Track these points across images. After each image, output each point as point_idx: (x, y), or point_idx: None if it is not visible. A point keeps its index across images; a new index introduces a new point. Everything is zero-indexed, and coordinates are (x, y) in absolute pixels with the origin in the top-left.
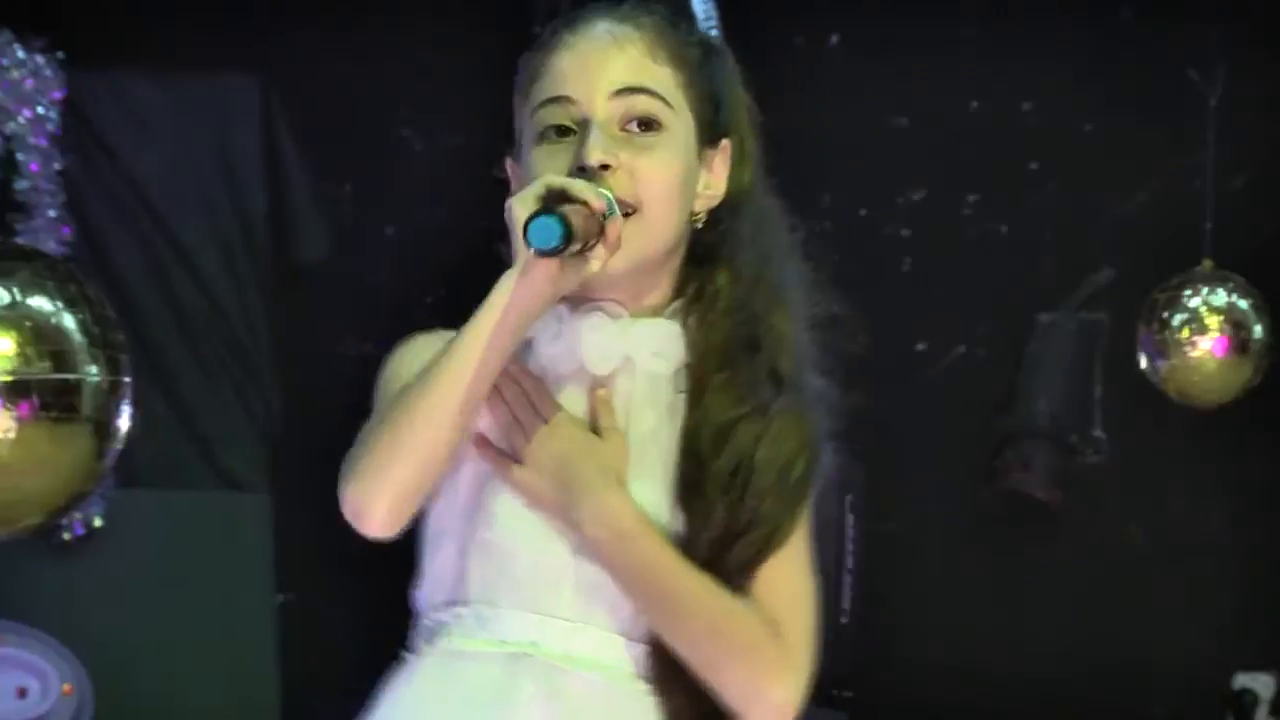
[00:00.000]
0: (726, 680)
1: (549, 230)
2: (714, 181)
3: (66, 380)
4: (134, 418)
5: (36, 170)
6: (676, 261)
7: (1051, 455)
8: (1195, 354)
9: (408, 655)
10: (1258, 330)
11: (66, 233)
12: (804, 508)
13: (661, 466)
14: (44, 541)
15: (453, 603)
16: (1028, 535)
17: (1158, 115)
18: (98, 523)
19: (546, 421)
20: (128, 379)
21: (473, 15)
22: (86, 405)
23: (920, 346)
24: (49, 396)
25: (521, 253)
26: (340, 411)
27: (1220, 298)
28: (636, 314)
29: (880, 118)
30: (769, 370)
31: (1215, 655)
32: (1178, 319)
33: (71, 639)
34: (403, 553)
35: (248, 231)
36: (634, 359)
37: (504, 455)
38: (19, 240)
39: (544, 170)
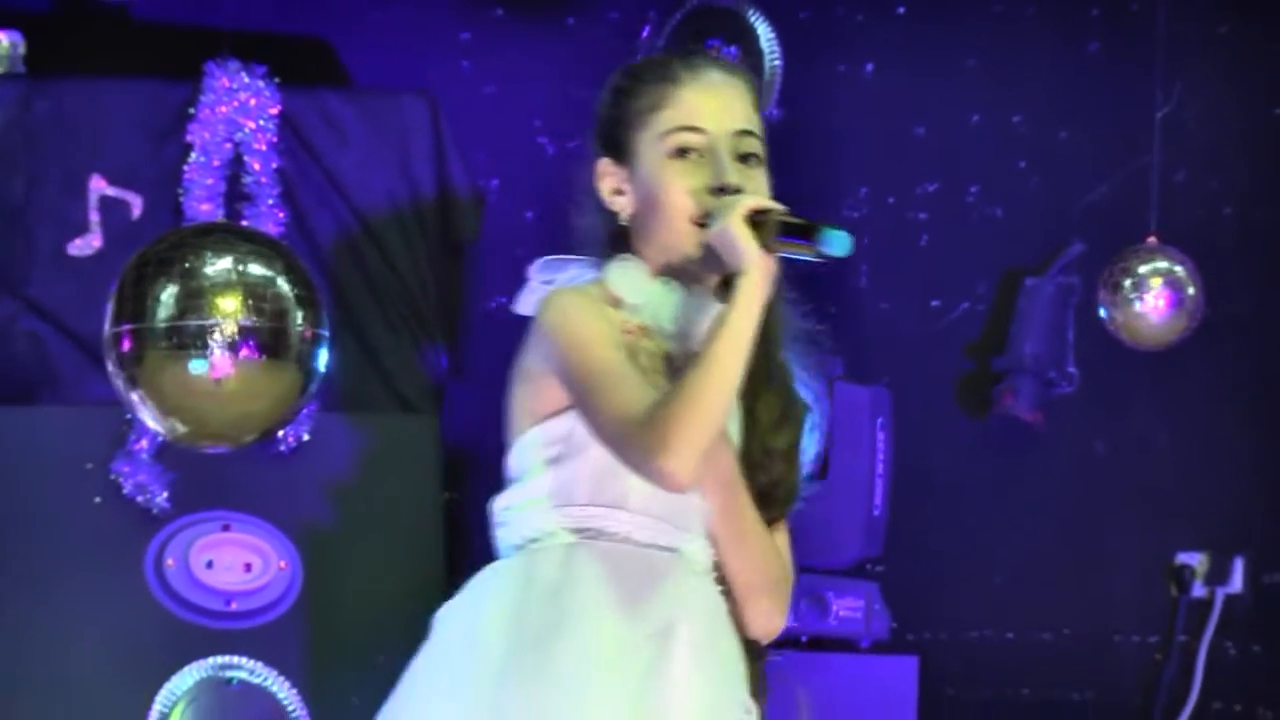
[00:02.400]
0: (758, 607)
1: (847, 241)
2: None
3: (278, 329)
4: (331, 358)
5: (258, 169)
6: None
7: (1035, 386)
8: (1143, 308)
9: (546, 539)
10: (1190, 290)
11: (282, 217)
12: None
13: (733, 429)
14: (265, 452)
15: (609, 505)
16: (1017, 448)
17: (1116, 126)
18: (305, 438)
19: None
20: (324, 330)
21: (589, 49)
22: (294, 348)
23: (935, 303)
24: (265, 342)
25: (755, 258)
26: (488, 352)
27: (1162, 265)
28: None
29: (904, 127)
30: (783, 378)
31: (1160, 540)
32: (1129, 281)
33: (285, 526)
34: None
35: (420, 216)
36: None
37: None
38: (245, 223)
39: (680, 184)
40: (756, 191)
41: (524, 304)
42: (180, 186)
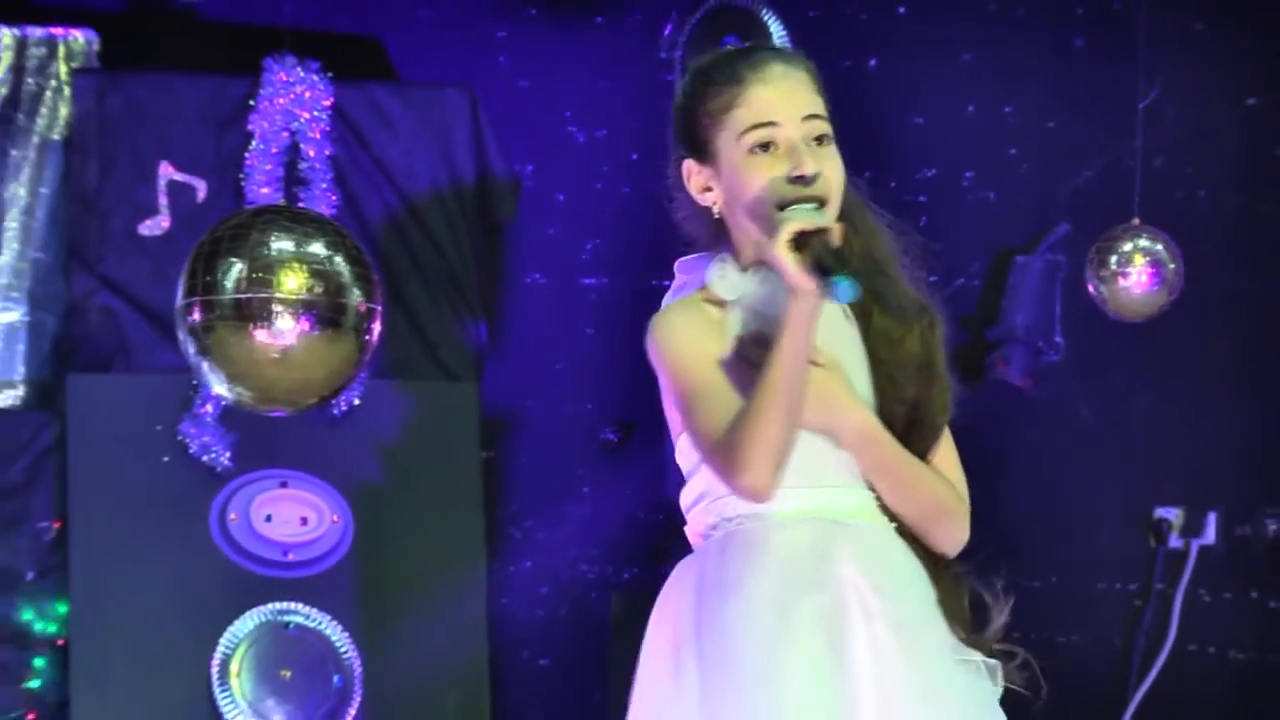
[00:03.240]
0: (937, 531)
1: (852, 290)
2: None
3: (336, 303)
4: (382, 329)
5: (312, 156)
6: None
7: (1025, 355)
8: (1126, 283)
9: (716, 530)
10: (1170, 266)
11: (334, 200)
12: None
13: (860, 377)
14: (320, 415)
15: None
16: (1008, 411)
17: (1100, 116)
18: (356, 402)
19: None
20: (378, 305)
21: (615, 46)
22: (349, 321)
23: (933, 279)
24: (324, 314)
25: (798, 283)
26: (524, 324)
27: (1144, 243)
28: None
29: (904, 117)
30: (902, 294)
31: (1140, 496)
32: (1114, 258)
33: (338, 483)
34: (563, 420)
35: (460, 199)
36: None
37: None
38: (301, 205)
39: (761, 176)
40: (831, 170)
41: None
42: (241, 172)
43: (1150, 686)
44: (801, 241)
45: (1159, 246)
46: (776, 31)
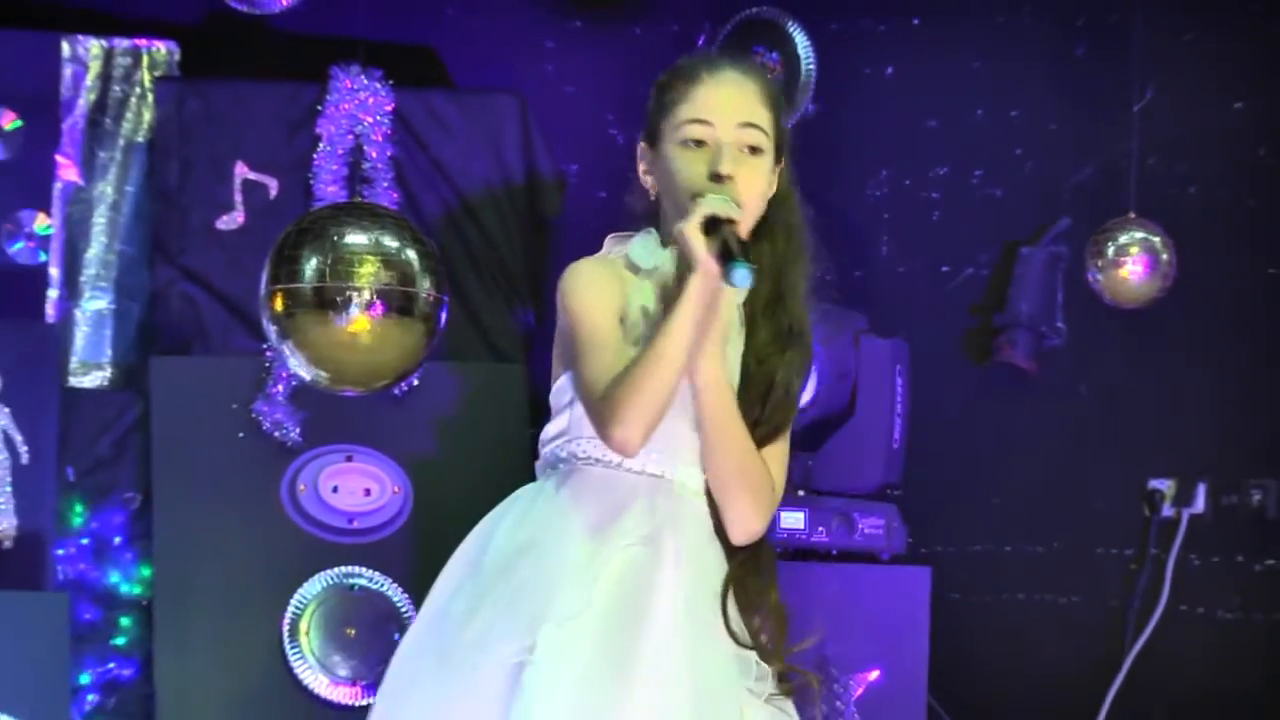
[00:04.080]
0: (736, 503)
1: (748, 277)
2: (772, 188)
3: (407, 292)
4: (447, 317)
5: (375, 157)
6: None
7: (1029, 339)
8: (1122, 272)
9: (564, 464)
10: (1163, 257)
11: (395, 198)
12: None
13: (735, 369)
14: (383, 394)
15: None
16: (1014, 391)
17: (1100, 117)
18: (416, 382)
19: None
20: (445, 295)
21: (653, 54)
22: (419, 309)
23: (945, 268)
24: (395, 302)
25: (702, 261)
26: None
27: (1139, 235)
28: None
29: (919, 120)
30: (792, 319)
31: (1135, 468)
32: (1111, 249)
33: (399, 457)
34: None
35: (511, 196)
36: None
37: None
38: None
39: (685, 167)
40: (749, 178)
41: None
42: (310, 171)
43: (1145, 643)
44: (711, 226)
45: (1153, 238)
46: (801, 42)
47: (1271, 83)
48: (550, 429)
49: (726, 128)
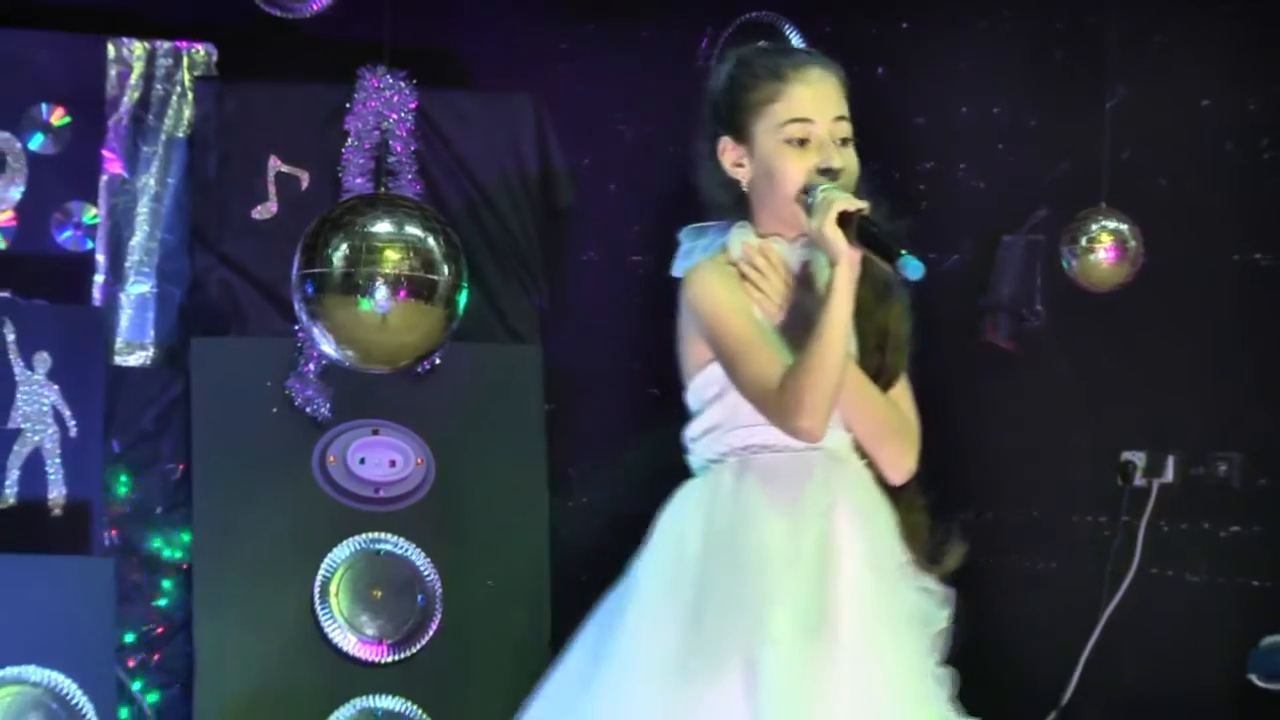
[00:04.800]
0: (884, 452)
1: (919, 265)
2: None
3: (429, 278)
4: (466, 301)
5: (400, 151)
6: None
7: (1011, 321)
8: (1094, 258)
9: (731, 456)
10: (1133, 244)
11: (419, 189)
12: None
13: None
14: (406, 373)
15: (763, 424)
16: (996, 369)
17: (1076, 114)
18: (438, 361)
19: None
20: (464, 279)
21: (658, 56)
22: (440, 293)
23: (932, 255)
24: (418, 287)
25: (845, 254)
26: (581, 295)
27: (1111, 225)
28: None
29: (907, 117)
30: (883, 276)
31: (1109, 441)
32: (1084, 238)
33: (422, 431)
34: (614, 378)
35: (526, 187)
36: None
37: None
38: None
39: (791, 165)
40: (850, 168)
41: (676, 267)
42: (339, 165)
43: (1118, 604)
44: (845, 218)
45: (1123, 227)
46: (797, 43)
47: (1236, 83)
48: (698, 426)
49: (825, 123)
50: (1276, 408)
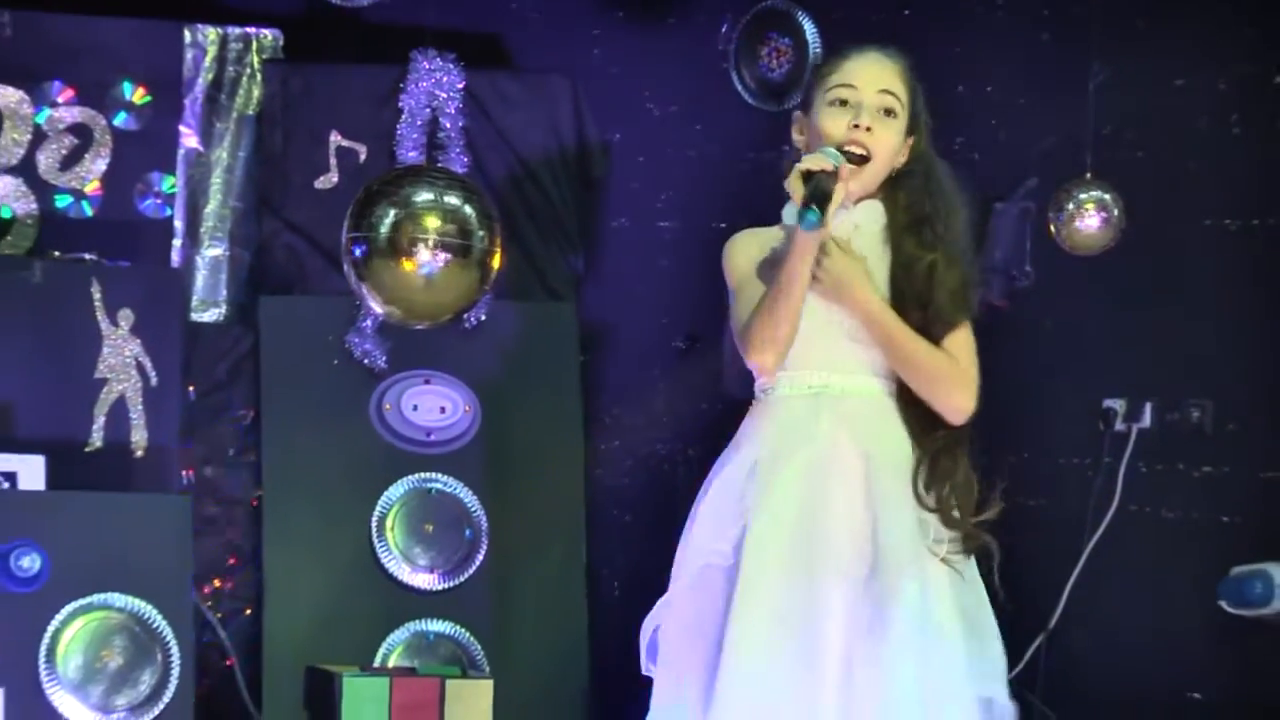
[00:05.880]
0: (938, 397)
1: (809, 220)
2: (903, 155)
3: (466, 243)
4: (501, 262)
5: (449, 127)
6: (882, 183)
7: (1003, 281)
8: (1080, 224)
9: (757, 400)
10: (1115, 211)
11: (466, 161)
12: (969, 305)
13: (880, 280)
14: (455, 328)
15: (787, 369)
16: (991, 324)
17: (1061, 93)
18: (483, 318)
19: (827, 255)
20: (498, 242)
21: (683, 40)
22: (475, 255)
23: None
24: (455, 250)
25: (796, 199)
26: (612, 257)
27: (1095, 194)
28: (859, 202)
29: None
30: (932, 234)
31: (1092, 389)
32: (1070, 205)
33: (469, 380)
34: (643, 332)
35: (564, 159)
36: (860, 224)
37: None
38: (440, 165)
39: (828, 120)
40: (883, 135)
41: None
42: (394, 139)
43: (1099, 538)
44: (808, 176)
45: (1106, 196)
46: (809, 29)
47: (1207, 64)
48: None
49: (868, 92)
50: (1244, 359)
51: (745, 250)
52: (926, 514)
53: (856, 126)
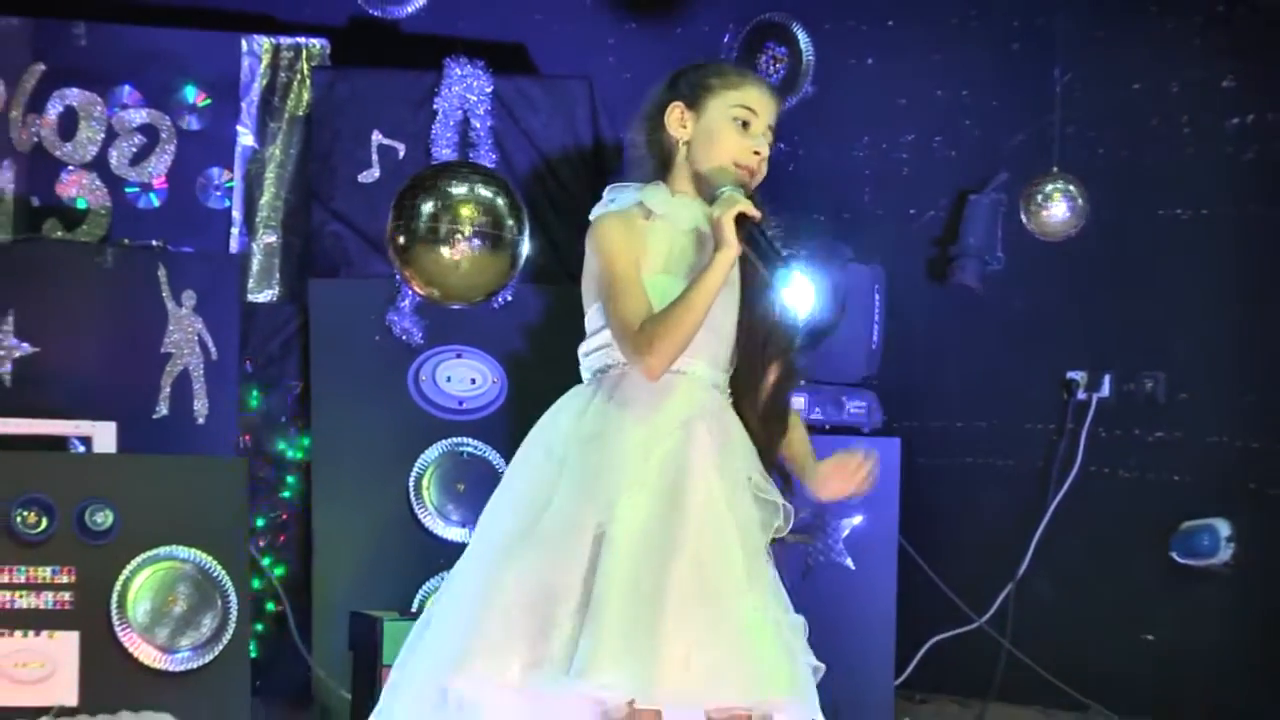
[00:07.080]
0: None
1: (788, 277)
2: None
3: (497, 232)
4: (529, 249)
5: (479, 127)
6: None
7: (977, 264)
8: (1047, 213)
9: (611, 369)
10: (1079, 202)
11: (494, 158)
12: None
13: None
14: (485, 307)
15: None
16: (964, 305)
17: (1030, 96)
18: (509, 298)
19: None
20: (525, 231)
21: (690, 48)
22: (506, 243)
23: (912, 211)
24: (488, 239)
25: (731, 245)
26: None
27: (1060, 186)
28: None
29: (892, 99)
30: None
31: (1056, 362)
32: (1038, 196)
33: (497, 355)
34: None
35: (582, 156)
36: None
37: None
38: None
39: (731, 138)
40: (764, 166)
41: (592, 213)
42: (429, 138)
43: (1063, 497)
44: (740, 219)
45: (1071, 188)
46: (803, 39)
47: (1161, 70)
48: (590, 343)
49: (763, 123)
50: (1194, 334)
51: (616, 236)
52: (767, 498)
53: (757, 154)
